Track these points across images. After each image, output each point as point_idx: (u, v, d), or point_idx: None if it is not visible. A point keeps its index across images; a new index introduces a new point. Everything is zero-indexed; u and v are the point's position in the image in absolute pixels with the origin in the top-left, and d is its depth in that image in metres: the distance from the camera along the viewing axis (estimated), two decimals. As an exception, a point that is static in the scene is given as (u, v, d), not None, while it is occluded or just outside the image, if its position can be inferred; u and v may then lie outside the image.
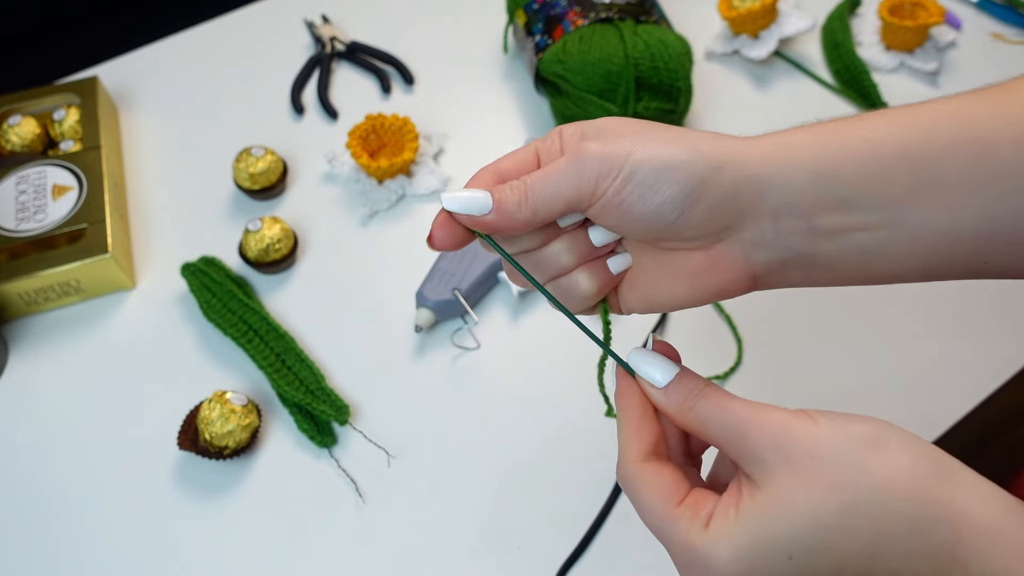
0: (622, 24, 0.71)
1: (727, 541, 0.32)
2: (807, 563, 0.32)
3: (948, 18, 0.84)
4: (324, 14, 0.89)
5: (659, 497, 0.34)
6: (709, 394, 0.35)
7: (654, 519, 0.34)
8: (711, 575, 0.32)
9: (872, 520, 0.31)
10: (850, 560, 0.31)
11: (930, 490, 0.31)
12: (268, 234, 0.67)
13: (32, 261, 0.66)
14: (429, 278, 0.66)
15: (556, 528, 0.57)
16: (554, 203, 0.36)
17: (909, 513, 0.30)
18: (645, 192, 0.35)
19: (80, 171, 0.71)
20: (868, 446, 0.31)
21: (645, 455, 0.35)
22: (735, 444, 0.33)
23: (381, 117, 0.75)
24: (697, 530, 0.33)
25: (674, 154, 0.35)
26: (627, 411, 0.37)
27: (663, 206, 0.35)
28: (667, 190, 0.35)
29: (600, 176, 0.35)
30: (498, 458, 0.60)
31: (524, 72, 0.83)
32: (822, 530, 0.31)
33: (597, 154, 0.35)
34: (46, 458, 0.61)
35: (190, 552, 0.57)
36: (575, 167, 0.36)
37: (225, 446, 0.58)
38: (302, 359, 0.63)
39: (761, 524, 0.32)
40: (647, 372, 0.36)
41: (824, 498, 0.31)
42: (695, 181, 0.35)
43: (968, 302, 0.66)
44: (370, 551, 0.56)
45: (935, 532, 0.30)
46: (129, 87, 0.84)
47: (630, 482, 0.35)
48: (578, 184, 0.35)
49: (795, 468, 0.31)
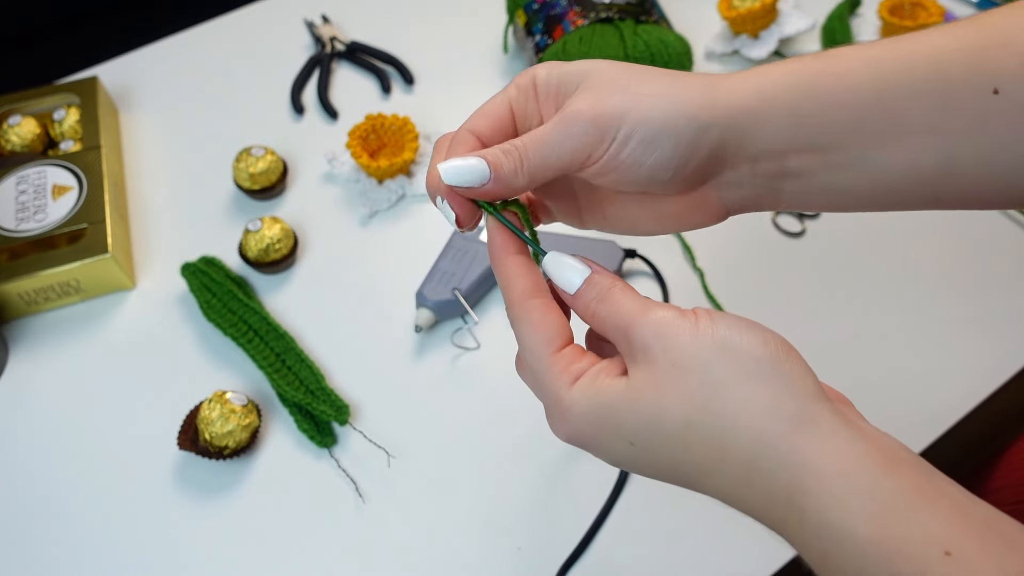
0: (622, 24, 0.71)
1: (584, 403, 0.33)
2: (643, 454, 0.33)
3: (948, 18, 0.84)
4: (324, 14, 0.89)
5: (541, 338, 0.35)
6: (609, 295, 0.35)
7: (532, 358, 0.35)
8: (565, 426, 0.34)
9: (711, 443, 0.31)
10: (684, 466, 0.33)
11: (781, 433, 0.30)
12: (268, 234, 0.67)
13: (32, 261, 0.66)
14: (429, 278, 0.66)
15: (556, 528, 0.57)
16: (548, 168, 0.36)
17: (751, 449, 0.31)
18: (640, 156, 0.36)
19: (80, 171, 0.71)
20: (735, 370, 0.31)
21: (531, 292, 0.36)
22: (620, 341, 0.34)
23: (381, 117, 0.75)
24: (565, 381, 0.34)
25: (667, 116, 0.35)
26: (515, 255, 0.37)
27: (656, 168, 0.36)
28: (661, 153, 0.36)
29: (594, 143, 0.36)
30: (498, 458, 0.60)
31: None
32: (662, 434, 0.32)
33: (588, 117, 0.35)
34: (46, 458, 0.61)
35: (190, 552, 0.57)
36: (567, 133, 0.36)
37: (225, 446, 0.58)
38: (302, 359, 0.63)
39: (612, 406, 0.33)
40: (561, 278, 0.36)
41: (671, 407, 0.32)
42: (688, 144, 0.36)
43: (972, 298, 0.66)
44: (370, 551, 0.56)
45: (775, 473, 0.30)
46: (129, 87, 0.84)
47: (516, 319, 0.36)
48: (573, 150, 0.36)
49: (655, 371, 0.32)
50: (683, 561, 0.55)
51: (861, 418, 0.33)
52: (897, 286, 0.67)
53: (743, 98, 0.36)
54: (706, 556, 0.55)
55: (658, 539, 0.56)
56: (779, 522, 0.31)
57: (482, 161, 0.36)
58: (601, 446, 0.34)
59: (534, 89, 0.39)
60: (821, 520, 0.29)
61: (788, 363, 0.32)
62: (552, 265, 0.36)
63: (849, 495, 0.29)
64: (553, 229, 0.71)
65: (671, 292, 0.67)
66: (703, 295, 0.67)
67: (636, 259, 0.68)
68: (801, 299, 0.67)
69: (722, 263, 0.69)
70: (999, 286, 0.67)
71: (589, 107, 0.35)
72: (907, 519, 0.28)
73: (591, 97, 0.36)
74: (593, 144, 0.36)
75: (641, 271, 0.69)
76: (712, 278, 0.68)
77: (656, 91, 0.36)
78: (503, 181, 0.36)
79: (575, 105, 0.36)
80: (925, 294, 0.67)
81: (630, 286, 0.35)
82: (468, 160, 0.36)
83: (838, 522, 0.29)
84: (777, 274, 0.68)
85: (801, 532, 0.30)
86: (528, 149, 0.36)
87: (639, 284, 0.68)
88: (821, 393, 0.32)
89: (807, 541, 0.30)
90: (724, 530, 0.56)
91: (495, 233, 0.37)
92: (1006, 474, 0.68)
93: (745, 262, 0.69)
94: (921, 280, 0.68)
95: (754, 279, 0.68)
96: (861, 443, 0.30)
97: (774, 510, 0.31)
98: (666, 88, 0.36)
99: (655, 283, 0.68)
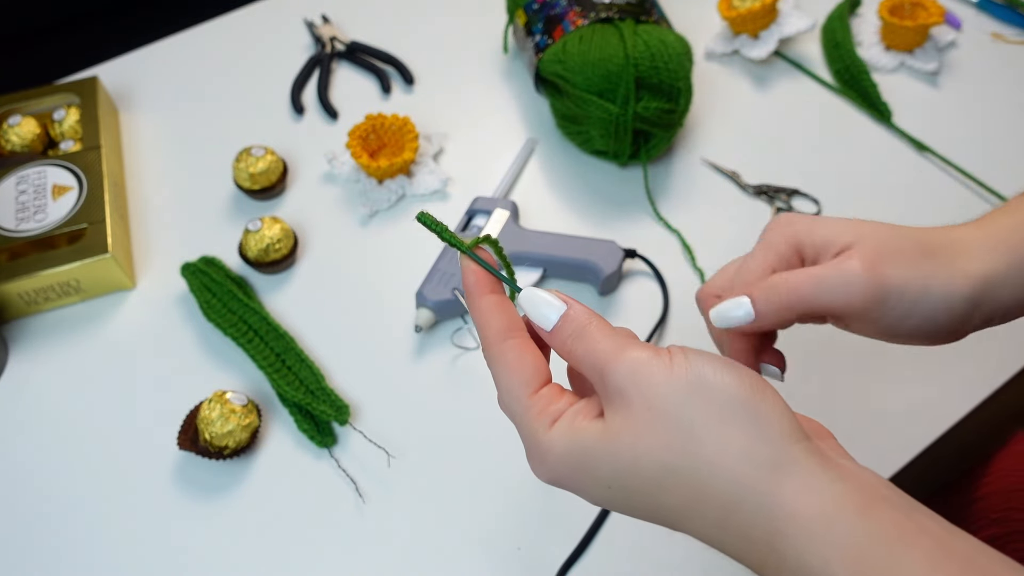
0: (622, 24, 0.71)
1: (561, 447, 0.33)
2: (621, 496, 0.33)
3: (948, 18, 0.84)
4: (324, 14, 0.89)
5: (517, 380, 0.35)
6: (584, 334, 0.34)
7: (510, 400, 0.35)
8: (543, 467, 0.35)
9: (689, 487, 0.31)
10: (663, 511, 0.33)
11: (757, 478, 0.30)
12: (268, 234, 0.67)
13: (32, 261, 0.66)
14: (429, 278, 0.66)
15: (556, 528, 0.57)
16: (813, 306, 0.39)
17: (729, 493, 0.31)
18: (913, 323, 0.39)
19: (80, 171, 0.71)
20: (710, 411, 0.31)
21: (506, 332, 0.35)
22: (596, 381, 0.34)
23: (381, 117, 0.75)
24: (543, 424, 0.34)
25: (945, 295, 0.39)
26: (489, 295, 0.37)
27: (917, 332, 0.40)
28: (934, 325, 0.39)
29: (867, 302, 0.38)
30: (498, 458, 0.60)
31: (524, 72, 0.83)
32: (639, 479, 0.32)
33: (865, 279, 0.38)
34: (46, 458, 0.61)
35: (190, 552, 0.57)
36: (843, 283, 0.38)
37: (225, 446, 0.58)
38: (302, 359, 0.63)
39: (589, 450, 0.33)
40: (537, 314, 0.36)
41: (647, 451, 0.32)
42: (961, 317, 0.39)
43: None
44: (370, 551, 0.56)
45: (753, 517, 0.30)
46: (129, 87, 0.84)
47: (492, 361, 0.36)
48: (845, 301, 0.38)
49: (631, 415, 0.32)
50: (683, 561, 0.55)
51: (841, 452, 0.34)
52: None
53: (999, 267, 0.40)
54: (706, 556, 0.55)
55: (658, 539, 0.56)
56: (759, 565, 0.31)
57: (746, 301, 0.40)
58: (580, 488, 0.34)
59: (797, 250, 0.42)
60: (800, 564, 0.29)
61: (764, 404, 0.32)
62: (527, 302, 0.36)
63: (827, 539, 0.29)
64: (553, 228, 0.71)
65: (671, 292, 0.67)
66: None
67: (636, 259, 0.68)
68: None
69: (722, 263, 0.69)
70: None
71: (867, 270, 0.38)
72: (887, 561, 0.28)
73: (870, 261, 0.39)
74: (868, 302, 0.38)
75: (641, 271, 0.69)
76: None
77: (929, 270, 0.39)
78: (765, 319, 0.39)
79: (853, 263, 0.38)
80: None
81: (606, 322, 0.35)
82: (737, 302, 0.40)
83: (818, 567, 0.29)
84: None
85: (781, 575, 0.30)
86: (801, 285, 0.39)
87: (639, 284, 0.68)
88: (799, 432, 0.32)
89: None
90: (724, 530, 0.56)
91: (468, 272, 0.37)
92: (993, 481, 0.68)
93: (745, 262, 0.69)
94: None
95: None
96: (839, 484, 0.30)
97: (753, 553, 0.31)
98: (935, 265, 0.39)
99: (655, 283, 0.68)
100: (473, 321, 0.37)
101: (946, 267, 0.39)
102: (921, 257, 0.39)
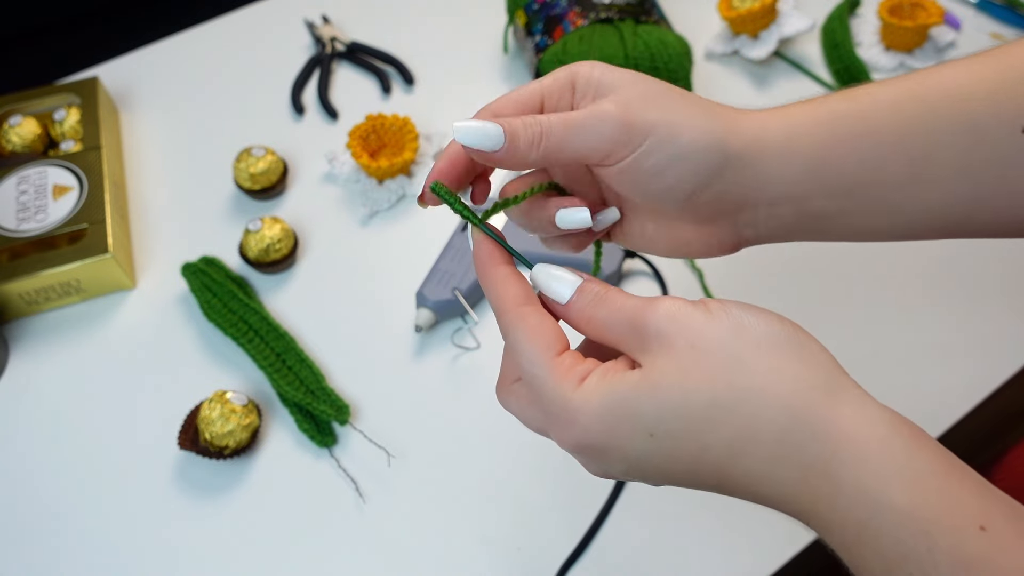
0: (622, 24, 0.71)
1: (596, 401, 0.32)
2: (665, 445, 0.31)
3: (947, 18, 0.84)
4: (324, 14, 0.89)
5: (540, 343, 0.33)
6: (606, 297, 0.34)
7: (531, 365, 0.33)
8: (574, 430, 0.32)
9: (740, 420, 0.30)
10: (709, 453, 0.31)
11: (812, 403, 0.30)
12: (268, 234, 0.67)
13: (32, 261, 0.66)
14: (429, 278, 0.66)
15: (556, 528, 0.57)
16: (566, 151, 0.36)
17: (782, 422, 0.30)
18: (662, 168, 0.36)
19: (80, 171, 0.71)
20: (757, 346, 0.31)
21: (523, 300, 0.35)
22: (629, 337, 0.33)
23: (381, 117, 0.75)
24: (571, 383, 0.32)
25: (694, 138, 0.35)
26: (503, 265, 0.36)
27: (674, 188, 0.36)
28: (681, 174, 0.36)
29: (620, 143, 0.35)
30: (498, 458, 0.60)
31: (524, 72, 0.83)
32: (687, 418, 0.31)
33: (617, 119, 0.35)
34: (46, 458, 0.61)
35: (190, 552, 0.57)
36: (596, 124, 0.35)
37: (225, 446, 0.58)
38: (302, 359, 0.63)
39: (630, 397, 0.31)
40: (552, 289, 0.35)
41: (696, 388, 0.30)
42: (710, 169, 0.36)
43: (967, 302, 0.66)
44: (370, 551, 0.56)
45: (808, 445, 0.30)
46: (129, 87, 0.84)
47: (510, 327, 0.34)
48: (597, 141, 0.35)
49: (674, 355, 0.31)
50: (682, 561, 0.55)
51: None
52: (896, 288, 0.67)
53: (769, 136, 0.36)
54: (705, 556, 0.55)
55: (657, 539, 0.56)
56: (811, 500, 0.30)
57: (498, 127, 0.35)
58: (613, 449, 0.32)
59: (572, 85, 0.38)
60: (858, 488, 0.29)
61: (807, 338, 0.32)
62: (541, 276, 0.35)
63: (886, 463, 0.29)
64: (553, 229, 0.71)
65: (671, 292, 0.67)
66: (702, 295, 0.67)
67: (636, 259, 0.68)
68: (800, 300, 0.67)
69: (722, 263, 0.69)
70: (996, 288, 0.67)
71: (622, 111, 0.35)
72: (942, 491, 0.28)
73: (625, 103, 0.36)
74: (619, 143, 0.35)
75: (641, 271, 0.69)
76: (712, 278, 0.68)
77: (688, 113, 0.36)
78: (516, 151, 0.35)
79: (608, 105, 0.36)
80: (922, 297, 0.67)
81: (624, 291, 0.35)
82: (485, 123, 0.35)
83: (876, 491, 0.28)
84: (777, 274, 0.68)
85: (835, 506, 0.29)
86: (553, 127, 0.35)
87: (639, 284, 0.68)
88: (841, 366, 0.32)
89: (842, 516, 0.29)
90: (723, 530, 0.56)
91: (481, 245, 0.36)
92: (1005, 478, 0.68)
93: (745, 262, 0.69)
94: (919, 283, 0.68)
95: (754, 279, 0.68)
96: (889, 413, 0.30)
97: (807, 485, 0.30)
98: (698, 112, 0.36)
99: (655, 283, 0.68)
100: (486, 292, 0.36)
101: (713, 119, 0.36)
102: (689, 105, 0.36)
